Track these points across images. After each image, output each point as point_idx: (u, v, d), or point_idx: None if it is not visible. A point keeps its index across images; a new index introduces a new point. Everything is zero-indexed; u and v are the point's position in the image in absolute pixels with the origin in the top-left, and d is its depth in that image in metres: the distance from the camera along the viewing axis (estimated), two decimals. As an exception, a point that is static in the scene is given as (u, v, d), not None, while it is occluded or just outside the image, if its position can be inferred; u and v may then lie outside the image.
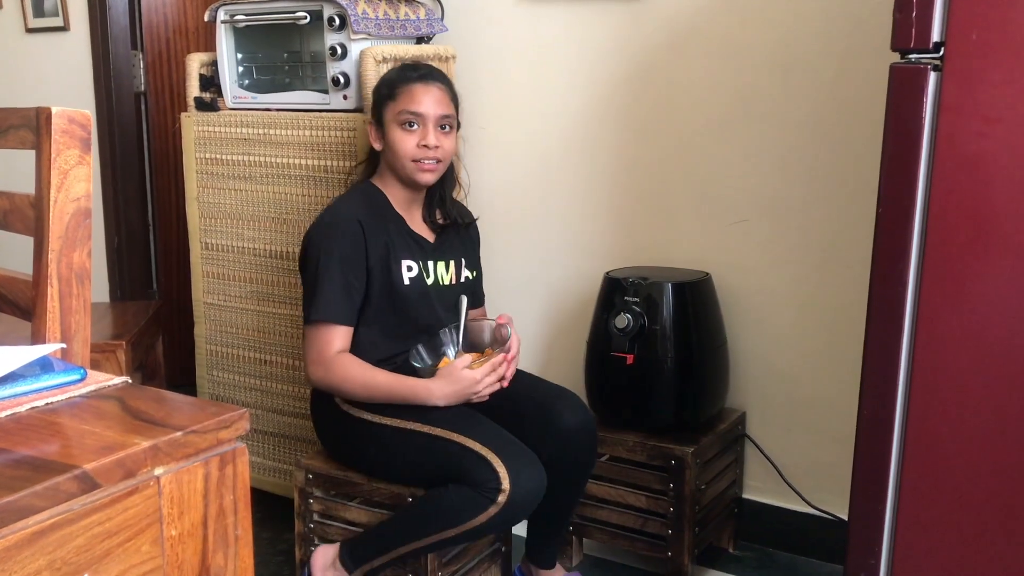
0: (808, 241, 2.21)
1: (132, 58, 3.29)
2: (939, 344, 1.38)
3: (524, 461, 1.79)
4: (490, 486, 1.74)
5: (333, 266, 1.92)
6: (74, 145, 1.06)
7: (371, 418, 1.92)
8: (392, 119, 1.99)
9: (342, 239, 1.93)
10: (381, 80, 2.07)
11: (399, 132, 1.98)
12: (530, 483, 1.77)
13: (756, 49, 2.19)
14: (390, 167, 2.03)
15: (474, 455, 1.78)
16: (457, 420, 1.86)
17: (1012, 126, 1.29)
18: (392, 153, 1.99)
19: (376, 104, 2.03)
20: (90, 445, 0.76)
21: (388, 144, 2.00)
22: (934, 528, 1.42)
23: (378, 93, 2.04)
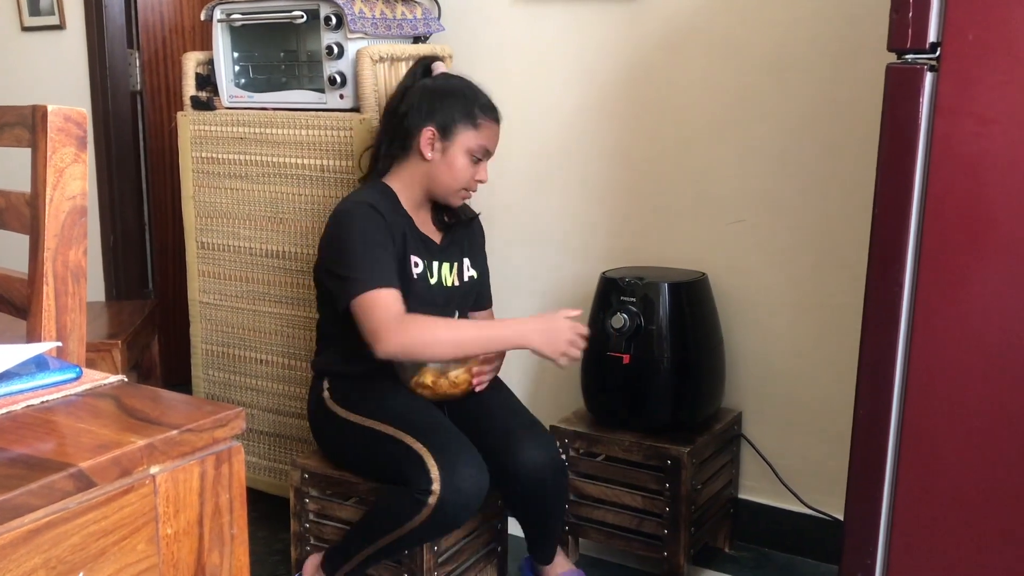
0: (804, 241, 2.21)
1: (128, 57, 3.29)
2: (935, 345, 1.38)
3: (461, 460, 1.73)
4: (421, 487, 1.70)
5: (370, 241, 1.86)
6: (70, 143, 1.06)
7: (345, 415, 1.93)
8: (464, 146, 1.94)
9: (373, 223, 1.88)
10: (461, 98, 1.96)
11: (465, 161, 1.95)
12: (464, 483, 1.71)
13: (753, 49, 2.19)
14: (425, 178, 1.97)
15: (412, 454, 1.75)
16: (408, 416, 1.83)
17: (1008, 127, 1.29)
18: (446, 175, 1.95)
19: (449, 119, 1.94)
20: (86, 443, 0.76)
21: (446, 163, 1.95)
22: (930, 529, 1.42)
23: (457, 111, 1.94)
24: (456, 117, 1.94)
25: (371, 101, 2.20)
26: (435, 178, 1.97)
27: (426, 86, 1.99)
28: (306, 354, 2.38)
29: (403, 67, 2.29)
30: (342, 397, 1.97)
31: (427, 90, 1.98)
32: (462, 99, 1.96)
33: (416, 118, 1.95)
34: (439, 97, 1.96)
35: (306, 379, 2.38)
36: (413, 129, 1.96)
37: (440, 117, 1.94)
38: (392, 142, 2.00)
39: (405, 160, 1.99)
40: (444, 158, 1.95)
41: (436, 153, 1.95)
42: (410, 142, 1.97)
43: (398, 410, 1.87)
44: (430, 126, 1.94)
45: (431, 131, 1.94)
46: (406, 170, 1.99)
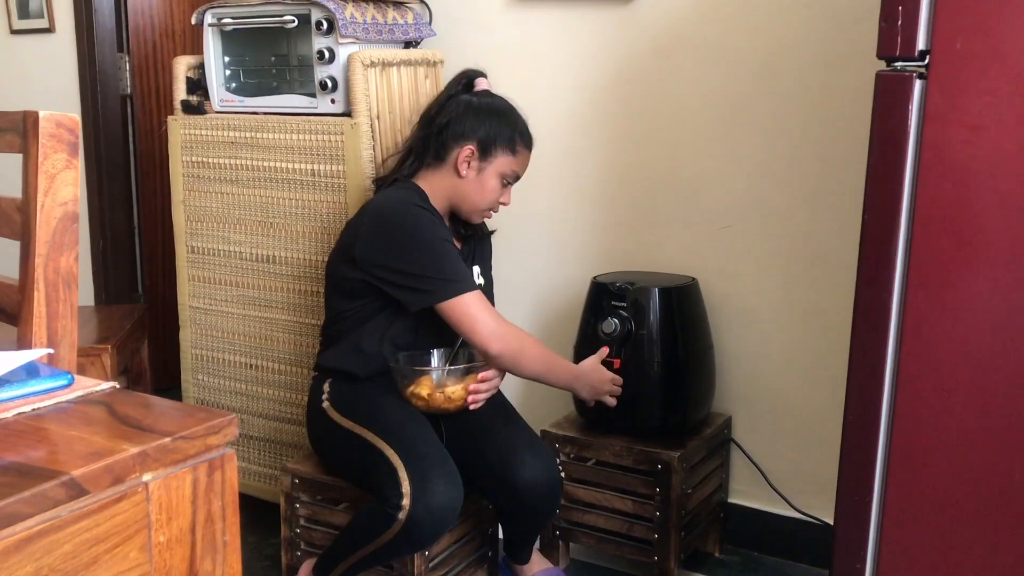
0: (794, 247, 2.22)
1: (118, 61, 3.28)
2: (924, 350, 1.39)
3: (435, 475, 1.71)
4: (392, 502, 1.69)
5: (443, 241, 1.88)
6: (61, 149, 1.05)
7: (339, 419, 1.92)
8: (499, 170, 1.97)
9: (435, 222, 1.91)
10: (503, 121, 1.98)
11: (496, 183, 1.98)
12: (436, 500, 1.69)
13: (743, 56, 2.20)
14: (454, 192, 1.98)
15: (387, 465, 1.73)
16: (395, 428, 1.82)
17: (996, 134, 1.30)
18: (476, 194, 1.97)
19: (490, 139, 1.96)
20: (78, 451, 0.76)
21: (479, 183, 1.96)
22: (919, 533, 1.43)
23: (499, 135, 1.96)
24: (497, 140, 1.96)
25: (362, 106, 2.20)
26: (464, 195, 1.98)
27: (471, 103, 2.00)
28: (296, 358, 2.37)
29: (394, 72, 2.29)
30: (339, 401, 1.95)
31: (471, 107, 1.99)
32: (506, 123, 1.98)
33: (457, 132, 1.96)
34: (483, 117, 1.97)
35: (296, 383, 2.38)
36: (451, 143, 1.96)
37: (482, 136, 1.96)
38: (426, 149, 2.00)
39: (437, 170, 1.99)
40: (478, 177, 1.97)
41: (472, 171, 1.96)
42: (446, 154, 1.97)
43: (387, 419, 1.86)
44: (470, 144, 1.95)
45: (471, 149, 1.95)
46: (436, 180, 1.99)
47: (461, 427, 1.95)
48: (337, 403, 1.95)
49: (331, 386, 1.99)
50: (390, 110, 2.27)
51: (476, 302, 1.86)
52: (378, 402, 1.92)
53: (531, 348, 1.92)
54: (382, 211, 1.91)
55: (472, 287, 1.87)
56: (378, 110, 2.23)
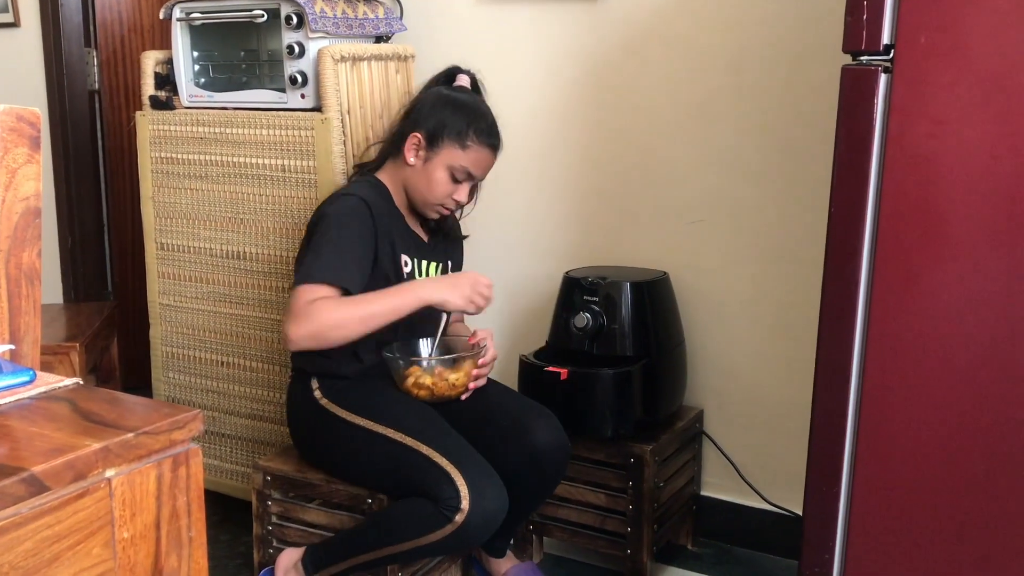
0: (763, 240, 2.23)
1: (86, 55, 3.24)
2: (891, 341, 1.40)
3: (488, 482, 1.75)
4: (450, 504, 1.71)
5: (347, 236, 1.85)
6: (23, 143, 1.04)
7: (346, 416, 1.89)
8: (446, 162, 1.94)
9: (358, 217, 1.88)
10: (458, 113, 1.95)
11: (444, 176, 1.95)
12: (491, 504, 1.73)
13: (712, 51, 2.21)
14: (405, 181, 1.99)
15: (438, 469, 1.74)
16: (428, 430, 1.83)
17: (959, 127, 1.32)
18: (423, 184, 1.96)
19: (439, 128, 1.94)
20: (39, 447, 0.75)
21: (425, 174, 1.95)
22: (886, 524, 1.45)
23: (448, 125, 1.94)
24: (447, 131, 1.94)
25: (332, 101, 2.19)
26: (412, 185, 1.98)
27: (438, 93, 2.00)
28: (268, 356, 2.36)
29: (365, 67, 2.28)
30: (338, 396, 1.92)
31: (435, 97, 1.99)
32: (460, 116, 1.95)
33: (411, 121, 1.97)
34: (441, 107, 1.96)
35: (268, 380, 2.37)
36: (407, 130, 1.97)
37: (432, 126, 1.94)
38: (391, 138, 2.03)
39: (396, 159, 2.01)
40: (424, 167, 1.95)
41: (418, 160, 1.96)
42: (401, 142, 1.98)
43: (410, 419, 1.85)
44: (418, 132, 1.95)
45: (417, 137, 1.95)
46: (394, 169, 2.01)
47: (464, 407, 1.96)
48: (338, 399, 1.91)
49: (321, 381, 1.95)
50: (361, 105, 2.26)
51: (305, 291, 1.80)
52: (387, 398, 1.91)
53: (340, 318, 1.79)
54: (323, 203, 1.96)
55: (327, 280, 1.80)
56: (349, 105, 2.22)
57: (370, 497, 1.90)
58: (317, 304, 1.79)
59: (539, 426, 1.91)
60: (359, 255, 1.86)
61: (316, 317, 1.77)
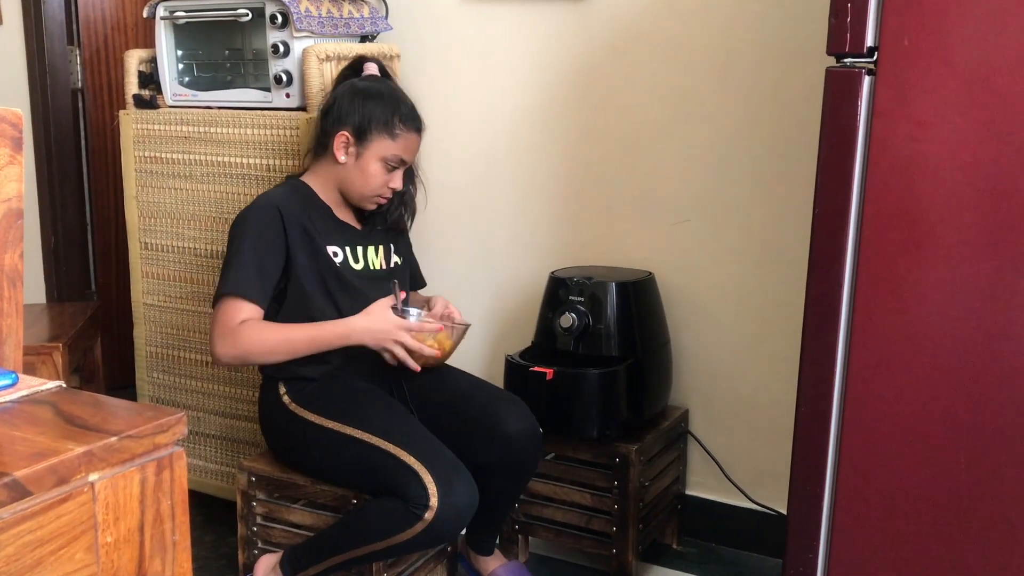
0: (748, 241, 2.24)
1: (68, 54, 3.22)
2: (874, 342, 1.41)
3: (456, 477, 1.75)
4: (418, 502, 1.71)
5: (246, 246, 1.88)
6: (4, 144, 1.03)
7: (313, 419, 1.90)
8: (378, 154, 1.94)
9: (257, 223, 1.90)
10: (380, 104, 1.95)
11: (379, 167, 1.95)
12: (460, 500, 1.74)
13: (697, 52, 2.22)
14: (338, 180, 1.98)
15: (405, 468, 1.75)
16: (394, 429, 1.83)
17: (941, 130, 1.32)
18: (358, 180, 1.95)
19: (365, 123, 1.93)
20: (21, 452, 0.75)
21: (359, 169, 1.94)
22: (870, 523, 1.45)
23: (374, 117, 1.93)
24: (373, 124, 1.93)
25: (317, 100, 2.18)
26: (347, 182, 1.97)
27: (353, 87, 1.98)
28: (253, 356, 2.35)
29: (350, 66, 2.27)
30: (305, 399, 1.93)
31: (350, 91, 1.97)
32: (382, 106, 1.94)
33: (333, 119, 1.95)
34: (358, 101, 1.95)
35: (253, 381, 2.36)
36: (330, 129, 1.96)
37: (357, 121, 1.93)
38: (314, 138, 2.02)
39: (322, 158, 2.00)
40: (357, 163, 1.95)
41: (350, 157, 1.95)
42: (327, 141, 1.97)
43: (377, 418, 1.85)
44: (345, 130, 1.94)
45: (345, 135, 1.94)
46: (323, 169, 2.00)
47: (430, 401, 1.97)
48: (305, 402, 1.92)
49: (288, 385, 1.96)
50: (346, 105, 2.26)
51: (222, 309, 1.86)
52: (354, 398, 1.91)
53: (264, 344, 1.85)
54: (246, 207, 1.97)
55: (230, 292, 1.85)
56: (334, 105, 2.22)
57: (355, 497, 1.90)
58: (245, 328, 1.84)
59: (509, 413, 1.91)
60: (261, 262, 1.88)
61: (242, 341, 1.84)
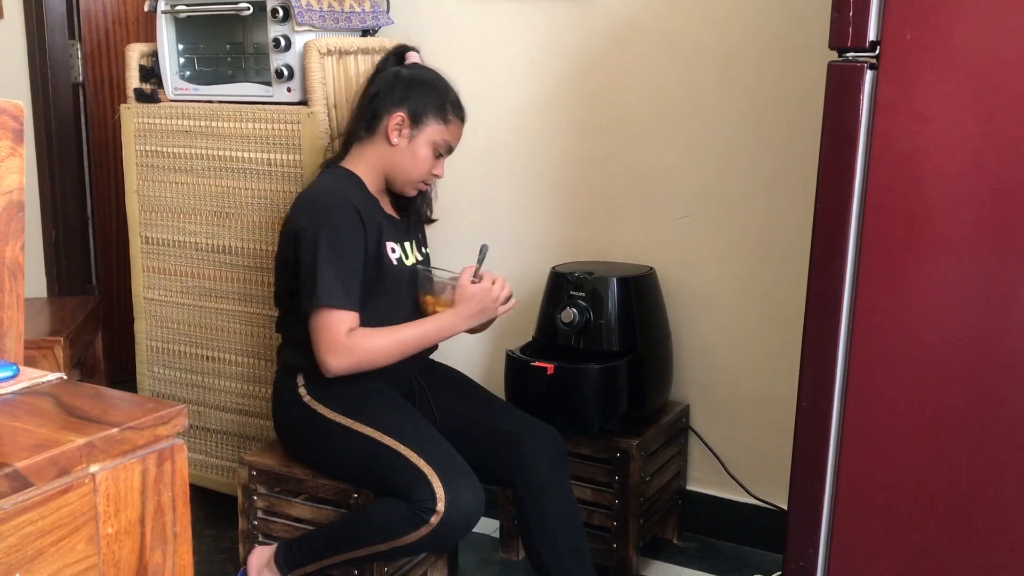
0: (749, 236, 2.24)
1: (69, 48, 3.22)
2: (875, 337, 1.41)
3: (464, 483, 1.74)
4: (425, 505, 1.71)
5: (337, 251, 1.83)
6: (5, 136, 1.03)
7: (329, 415, 1.89)
8: (430, 138, 1.95)
9: (341, 224, 1.85)
10: (434, 90, 1.96)
11: (428, 153, 1.95)
12: (467, 506, 1.73)
13: (699, 47, 2.22)
14: (386, 163, 1.96)
15: (414, 470, 1.74)
16: (407, 430, 1.83)
17: (943, 125, 1.32)
18: (407, 163, 1.95)
19: (421, 109, 1.93)
20: (22, 443, 0.75)
21: (411, 152, 1.94)
22: (871, 517, 1.45)
23: (430, 103, 1.94)
24: (428, 108, 1.94)
25: (319, 94, 2.18)
26: (397, 164, 1.96)
27: (400, 73, 1.99)
28: (253, 350, 2.35)
29: (351, 61, 2.27)
30: (322, 393, 1.91)
31: (401, 77, 1.97)
32: (435, 92, 1.96)
33: (387, 102, 1.95)
34: (414, 86, 1.96)
35: (253, 375, 2.36)
36: (382, 112, 1.95)
37: (412, 105, 1.94)
38: (358, 123, 1.99)
39: (369, 143, 1.98)
40: (409, 145, 1.94)
41: (403, 140, 1.94)
42: (377, 124, 1.95)
43: (391, 418, 1.85)
44: (400, 111, 1.93)
45: (401, 116, 1.93)
46: (369, 153, 1.98)
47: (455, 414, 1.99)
48: (321, 396, 1.91)
49: (307, 378, 1.94)
50: (347, 99, 2.25)
51: (327, 320, 1.82)
52: (371, 397, 1.90)
53: (378, 354, 1.85)
54: (303, 208, 1.91)
55: (334, 304, 1.81)
56: (335, 99, 2.22)
57: (356, 492, 1.90)
58: (355, 338, 1.83)
59: (534, 438, 1.93)
60: (353, 266, 1.86)
61: (357, 353, 1.83)
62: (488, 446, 1.94)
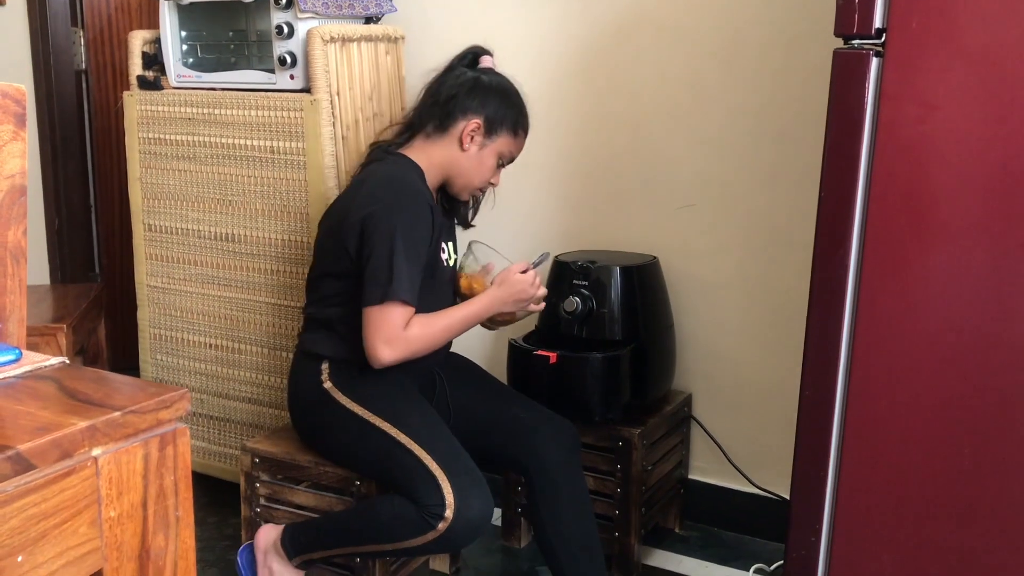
0: (753, 225, 2.23)
1: (72, 35, 3.21)
2: (879, 327, 1.40)
3: (474, 491, 1.73)
4: (433, 511, 1.70)
5: (411, 242, 1.82)
6: (7, 120, 1.03)
7: (349, 405, 1.87)
8: (499, 149, 1.97)
9: (418, 217, 1.84)
10: (510, 102, 1.98)
11: (493, 162, 1.98)
12: (475, 514, 1.72)
13: (703, 36, 2.21)
14: (450, 165, 1.96)
15: (425, 472, 1.74)
16: (424, 431, 1.82)
17: (949, 112, 1.32)
18: (471, 169, 1.96)
19: (498, 119, 1.95)
20: (25, 426, 0.75)
21: (479, 159, 1.95)
22: (873, 507, 1.45)
23: (506, 115, 1.96)
24: (505, 120, 1.96)
25: (322, 82, 2.17)
26: (462, 169, 1.96)
27: (480, 79, 1.97)
28: (256, 337, 2.36)
29: (355, 48, 2.27)
30: (344, 383, 1.90)
31: (481, 83, 1.97)
32: (514, 105, 1.98)
33: (465, 106, 1.94)
34: (494, 95, 1.96)
35: (256, 363, 2.36)
36: (458, 115, 1.94)
37: (490, 113, 1.95)
38: (427, 119, 1.97)
39: (438, 140, 1.96)
40: (479, 153, 1.95)
41: (474, 146, 1.95)
42: (450, 125, 1.94)
43: (409, 416, 1.84)
44: (478, 118, 1.94)
45: (477, 123, 1.93)
46: (434, 150, 1.96)
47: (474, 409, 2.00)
48: (343, 386, 1.89)
49: (331, 366, 1.92)
50: (350, 86, 2.25)
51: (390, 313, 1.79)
52: (393, 392, 1.89)
53: (431, 337, 1.85)
54: (377, 194, 1.86)
55: (403, 299, 1.79)
56: (338, 86, 2.21)
57: (359, 480, 1.90)
58: (412, 331, 1.82)
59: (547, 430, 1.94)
60: (419, 262, 1.85)
61: (412, 345, 1.83)
62: (503, 434, 1.94)
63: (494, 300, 1.92)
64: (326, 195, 2.19)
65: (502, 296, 1.92)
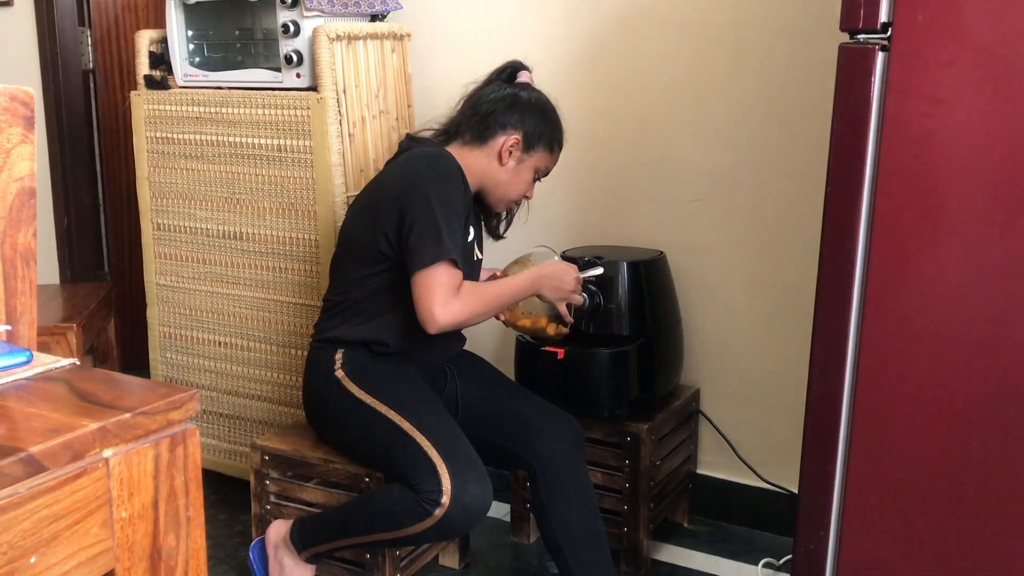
0: (760, 220, 2.23)
1: (79, 35, 3.22)
2: (886, 321, 1.40)
3: (472, 477, 1.74)
4: (430, 497, 1.71)
5: (451, 211, 1.84)
6: (16, 123, 1.03)
7: (357, 393, 1.88)
8: (535, 165, 2.00)
9: (455, 187, 1.87)
10: (548, 120, 2.00)
11: (529, 177, 2.01)
12: (472, 501, 1.72)
13: (710, 29, 2.20)
14: (486, 176, 1.98)
15: (425, 458, 1.74)
16: (427, 419, 1.82)
17: (956, 107, 1.31)
18: (508, 183, 1.98)
19: (536, 136, 1.98)
20: (36, 428, 0.75)
21: (516, 174, 1.98)
22: (881, 502, 1.45)
23: (545, 133, 1.99)
24: (543, 137, 1.99)
25: (328, 80, 2.18)
26: (499, 183, 1.99)
27: (520, 96, 1.99)
28: (265, 335, 2.37)
29: (361, 46, 2.27)
30: (355, 372, 1.91)
31: (520, 100, 1.99)
32: (552, 123, 2.01)
33: (504, 121, 1.96)
34: (534, 111, 1.98)
35: (266, 360, 2.37)
36: (497, 129, 1.96)
37: (529, 129, 1.97)
38: (465, 128, 1.99)
39: (477, 151, 1.98)
40: (517, 168, 1.98)
41: (512, 160, 1.97)
42: (489, 138, 1.96)
43: (416, 406, 1.85)
44: (517, 134, 1.96)
45: (516, 139, 1.95)
46: (471, 158, 1.97)
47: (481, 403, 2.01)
48: (354, 375, 1.90)
49: (345, 355, 1.93)
50: (356, 84, 2.26)
51: (444, 273, 1.80)
52: (399, 381, 1.90)
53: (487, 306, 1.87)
54: (417, 169, 1.89)
55: (453, 257, 1.80)
56: (344, 84, 2.22)
57: (368, 476, 1.91)
58: (466, 291, 1.83)
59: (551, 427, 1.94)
60: (462, 228, 1.88)
61: (469, 304, 1.82)
62: (508, 429, 1.95)
63: (537, 276, 1.93)
64: (333, 192, 2.19)
65: (544, 275, 1.93)
